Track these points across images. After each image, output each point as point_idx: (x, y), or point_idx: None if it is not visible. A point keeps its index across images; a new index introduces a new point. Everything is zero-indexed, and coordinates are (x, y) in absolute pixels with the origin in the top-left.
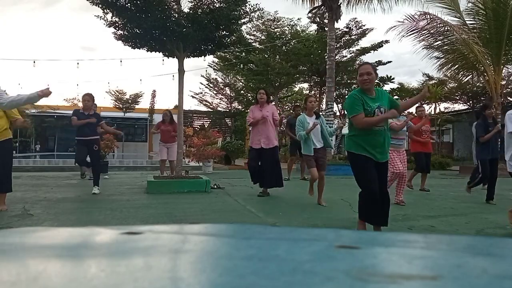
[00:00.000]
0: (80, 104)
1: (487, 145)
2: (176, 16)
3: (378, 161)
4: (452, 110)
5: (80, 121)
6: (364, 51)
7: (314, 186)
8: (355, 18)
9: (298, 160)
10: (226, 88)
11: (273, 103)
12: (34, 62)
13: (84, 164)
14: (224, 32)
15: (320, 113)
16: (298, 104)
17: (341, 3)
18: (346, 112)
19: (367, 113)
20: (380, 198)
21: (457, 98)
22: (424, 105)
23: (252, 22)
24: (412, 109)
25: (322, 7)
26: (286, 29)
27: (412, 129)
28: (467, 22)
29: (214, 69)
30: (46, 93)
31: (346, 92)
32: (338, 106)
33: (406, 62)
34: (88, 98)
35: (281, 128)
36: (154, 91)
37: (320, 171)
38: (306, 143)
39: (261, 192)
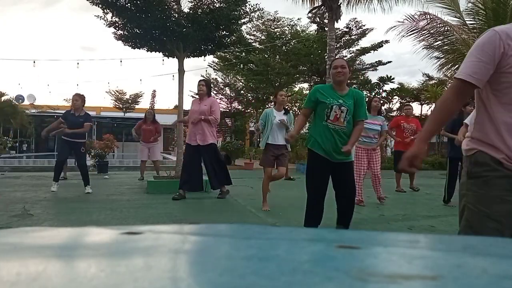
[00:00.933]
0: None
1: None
2: (176, 16)
3: (336, 162)
4: None
5: (66, 129)
6: (364, 51)
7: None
8: (355, 18)
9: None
10: (226, 88)
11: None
12: (34, 62)
13: (61, 166)
14: (224, 32)
15: (290, 111)
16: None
17: (341, 3)
18: None
19: (323, 107)
20: (342, 199)
21: None
22: (410, 103)
23: (252, 22)
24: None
25: (322, 7)
26: (286, 29)
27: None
28: (467, 22)
29: (214, 69)
30: None
31: None
32: None
33: (406, 62)
34: (77, 98)
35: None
36: (154, 91)
37: (280, 166)
38: (263, 136)
39: (177, 194)
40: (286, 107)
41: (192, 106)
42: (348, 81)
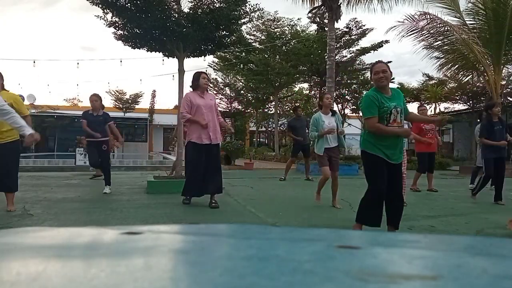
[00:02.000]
0: (80, 104)
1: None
2: (176, 16)
3: (391, 162)
4: (452, 110)
5: (87, 129)
6: (364, 51)
7: (328, 187)
8: (355, 18)
9: (300, 161)
10: (226, 88)
11: (273, 102)
12: (34, 62)
13: (97, 165)
14: (224, 32)
15: (336, 111)
16: (298, 104)
17: (341, 3)
18: (361, 112)
19: (384, 113)
20: (394, 199)
21: (457, 98)
22: (425, 105)
23: (252, 22)
24: (414, 109)
25: (322, 7)
26: (286, 29)
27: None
28: (467, 22)
29: (214, 69)
30: (36, 138)
31: (346, 92)
32: (338, 106)
33: (406, 62)
34: (96, 98)
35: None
36: (154, 91)
37: (334, 171)
38: (319, 141)
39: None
40: (333, 108)
41: (193, 99)
42: (348, 81)
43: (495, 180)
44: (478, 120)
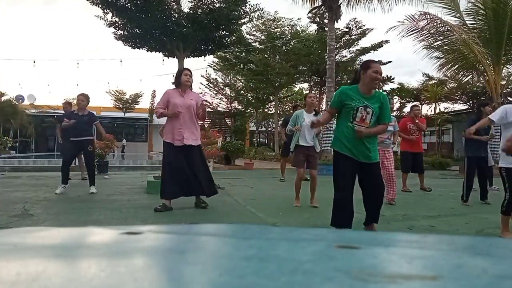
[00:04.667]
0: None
1: (475, 142)
2: (176, 16)
3: (362, 162)
4: (452, 110)
5: (65, 123)
6: (364, 51)
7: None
8: (355, 18)
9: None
10: (226, 88)
11: (273, 102)
12: (34, 62)
13: (67, 166)
14: (224, 32)
15: (320, 112)
16: (298, 104)
17: (341, 3)
18: None
19: (349, 109)
20: (370, 199)
21: (457, 98)
22: (418, 105)
23: (252, 22)
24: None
25: (322, 7)
26: (286, 29)
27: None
28: (467, 22)
29: (214, 69)
30: None
31: None
32: None
33: (406, 62)
34: (83, 98)
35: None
36: (154, 91)
37: (312, 169)
38: (294, 137)
39: (161, 205)
40: (317, 108)
41: (171, 97)
42: (348, 81)
43: (480, 180)
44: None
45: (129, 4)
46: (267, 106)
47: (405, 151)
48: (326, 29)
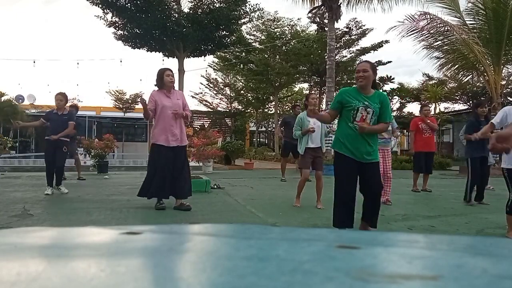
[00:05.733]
0: (80, 104)
1: (477, 143)
2: (176, 16)
3: (362, 162)
4: (452, 110)
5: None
6: (364, 51)
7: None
8: (355, 18)
9: (292, 161)
10: (226, 88)
11: (273, 102)
12: (34, 62)
13: (51, 166)
14: (224, 32)
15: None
16: (297, 104)
17: (341, 3)
18: None
19: (349, 109)
20: (368, 198)
21: (457, 98)
22: (428, 105)
23: (252, 22)
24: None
25: (322, 7)
26: (286, 29)
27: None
28: (467, 22)
29: (214, 69)
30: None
31: None
32: None
33: (406, 62)
34: (61, 98)
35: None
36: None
37: (317, 171)
38: (302, 140)
39: (161, 204)
40: (317, 108)
41: (158, 99)
42: (348, 81)
43: (481, 180)
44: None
45: (129, 4)
46: (267, 106)
47: (418, 151)
48: (326, 29)
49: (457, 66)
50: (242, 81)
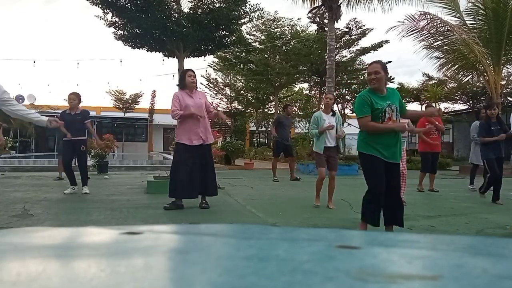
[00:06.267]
0: (80, 104)
1: (491, 144)
2: (176, 16)
3: (389, 162)
4: (452, 110)
5: (64, 130)
6: (364, 51)
7: (311, 188)
8: (355, 18)
9: (284, 160)
10: (226, 88)
11: (273, 102)
12: (34, 62)
13: (69, 167)
14: (224, 32)
15: (336, 111)
16: (289, 104)
17: (341, 3)
18: (355, 113)
19: (378, 113)
20: (391, 198)
21: (457, 98)
22: (432, 104)
23: (252, 22)
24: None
25: (322, 7)
26: (286, 29)
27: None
28: (467, 22)
29: (214, 69)
30: (55, 125)
31: (346, 92)
32: (338, 106)
33: (406, 62)
34: (74, 97)
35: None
36: (154, 91)
37: (331, 171)
38: (318, 140)
39: (170, 204)
40: (334, 109)
41: (182, 99)
42: (348, 81)
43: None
44: (477, 120)
45: (129, 4)
46: (267, 106)
47: (425, 151)
48: (326, 29)
49: (457, 66)
50: (242, 81)
